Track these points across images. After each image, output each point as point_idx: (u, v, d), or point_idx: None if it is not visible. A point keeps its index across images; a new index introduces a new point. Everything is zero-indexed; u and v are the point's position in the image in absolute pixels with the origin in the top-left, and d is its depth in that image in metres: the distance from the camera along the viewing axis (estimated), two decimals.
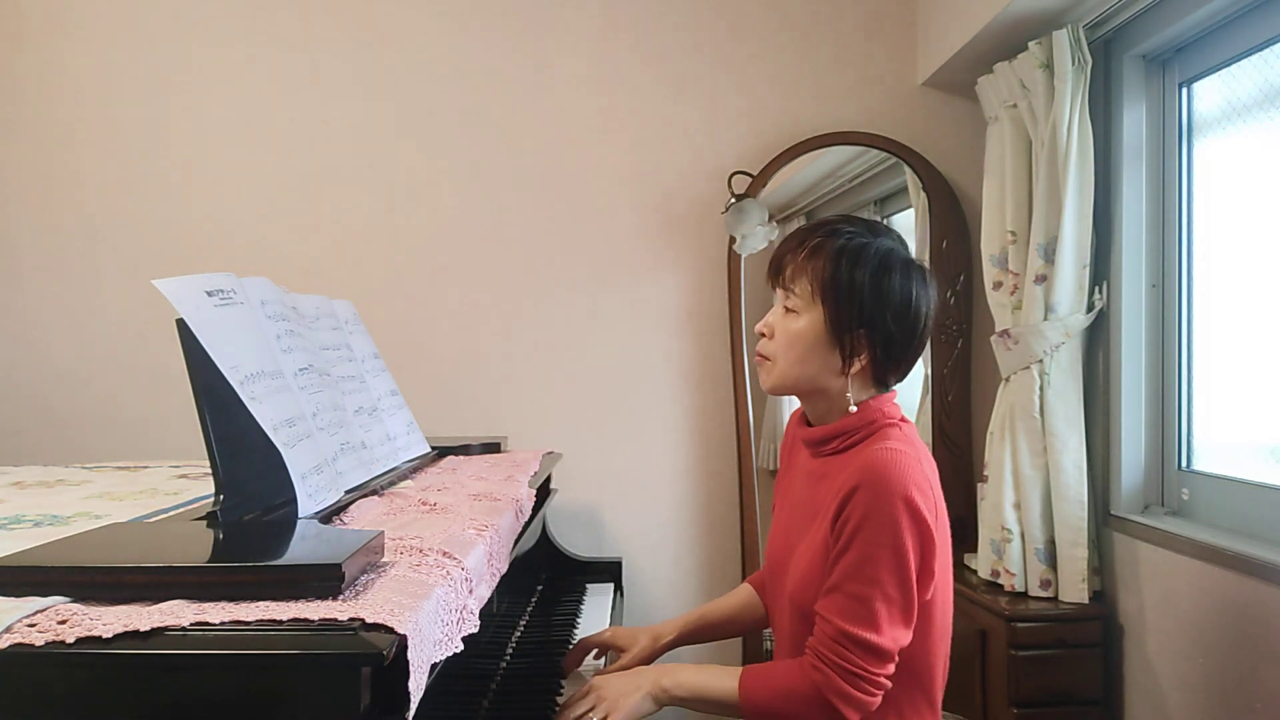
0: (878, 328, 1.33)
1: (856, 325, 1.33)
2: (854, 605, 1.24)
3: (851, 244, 1.34)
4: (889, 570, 1.23)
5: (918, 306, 1.35)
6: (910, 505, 1.24)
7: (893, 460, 1.26)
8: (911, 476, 1.25)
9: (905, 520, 1.23)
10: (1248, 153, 1.91)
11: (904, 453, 1.28)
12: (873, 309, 1.32)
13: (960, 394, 2.57)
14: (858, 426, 1.36)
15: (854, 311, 1.32)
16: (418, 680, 0.84)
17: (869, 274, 1.32)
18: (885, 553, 1.23)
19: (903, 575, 1.24)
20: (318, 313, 1.56)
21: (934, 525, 1.26)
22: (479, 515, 1.32)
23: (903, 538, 1.23)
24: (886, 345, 1.34)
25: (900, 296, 1.33)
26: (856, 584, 1.24)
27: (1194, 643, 1.89)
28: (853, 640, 1.23)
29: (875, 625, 1.23)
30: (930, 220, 2.57)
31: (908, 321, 1.34)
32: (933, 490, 1.29)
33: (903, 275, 1.34)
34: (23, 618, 0.80)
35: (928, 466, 1.31)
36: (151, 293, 1.06)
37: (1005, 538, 2.21)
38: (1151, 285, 2.13)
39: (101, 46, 2.61)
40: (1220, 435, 2.02)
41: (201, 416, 1.09)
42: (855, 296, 1.32)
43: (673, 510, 2.67)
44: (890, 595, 1.23)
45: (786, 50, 2.65)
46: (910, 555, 1.24)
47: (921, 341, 1.37)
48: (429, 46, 2.63)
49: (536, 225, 2.65)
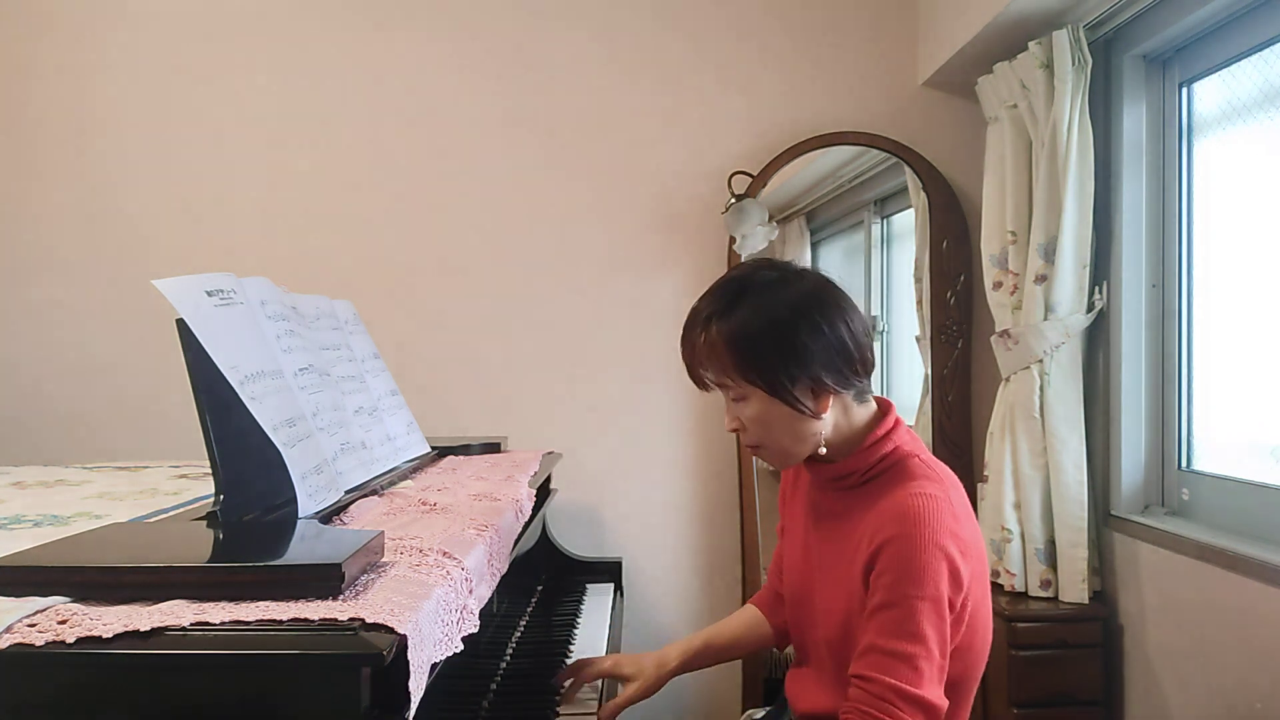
0: (813, 370, 1.27)
1: (794, 383, 1.27)
2: (898, 663, 1.18)
3: (732, 322, 1.28)
4: (931, 625, 1.19)
5: (835, 333, 1.28)
6: (947, 555, 1.20)
7: (926, 508, 1.22)
8: (945, 524, 1.21)
9: (944, 569, 1.19)
10: (1248, 153, 1.91)
11: (935, 497, 1.23)
12: (796, 363, 1.26)
13: (960, 394, 2.57)
14: (874, 460, 1.31)
15: (783, 375, 1.27)
16: (418, 680, 0.84)
17: (769, 341, 1.27)
18: (926, 605, 1.19)
19: (941, 630, 1.20)
20: (318, 313, 1.56)
21: (963, 566, 1.22)
22: (479, 515, 1.32)
23: (941, 589, 1.19)
24: (834, 374, 1.28)
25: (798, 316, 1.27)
26: (899, 641, 1.18)
27: (1194, 643, 1.88)
28: (902, 696, 1.17)
29: (921, 681, 1.17)
30: (930, 220, 2.56)
31: (835, 348, 1.28)
32: (964, 528, 1.25)
33: (785, 296, 1.28)
34: (23, 618, 0.80)
35: (957, 502, 1.27)
36: (152, 293, 1.06)
37: (1005, 538, 2.21)
38: (1151, 285, 2.13)
39: (102, 46, 2.61)
40: (1220, 435, 2.02)
41: (201, 416, 1.09)
42: (772, 365, 1.27)
43: (673, 510, 2.67)
44: (932, 652, 1.19)
45: (786, 50, 2.65)
46: (946, 605, 1.20)
47: (862, 348, 1.31)
48: (429, 46, 2.63)
49: (537, 225, 2.65)
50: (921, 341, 2.62)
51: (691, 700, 2.66)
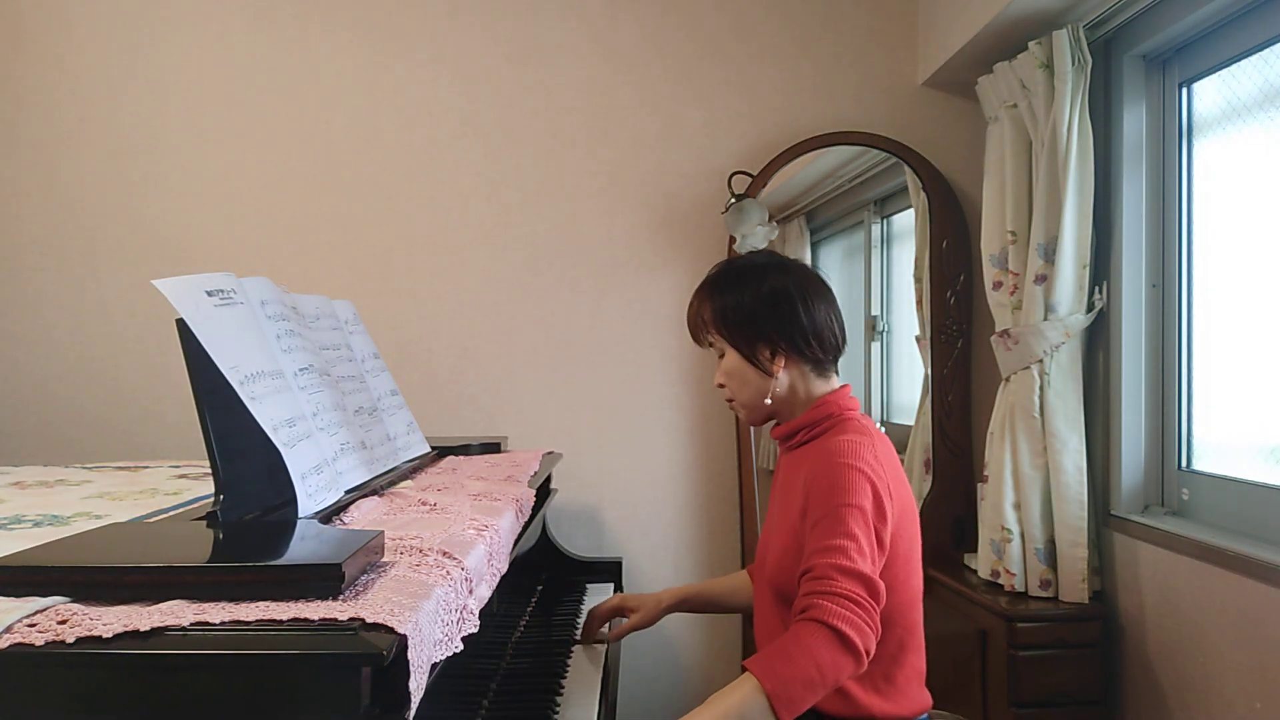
0: (768, 326, 1.52)
1: (755, 336, 1.53)
2: (833, 552, 1.34)
3: (720, 281, 1.57)
4: (859, 527, 1.36)
5: (785, 293, 1.52)
6: (868, 477, 1.39)
7: (849, 446, 1.44)
8: (865, 458, 1.42)
9: (867, 487, 1.38)
10: (1248, 153, 1.91)
11: (858, 442, 1.44)
12: (755, 315, 1.52)
13: (960, 394, 2.57)
14: (818, 419, 1.53)
15: (746, 327, 1.53)
16: (418, 680, 0.84)
17: (739, 292, 1.54)
18: (853, 511, 1.37)
19: (868, 534, 1.36)
20: (318, 313, 1.56)
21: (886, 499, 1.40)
22: (479, 515, 1.32)
23: (864, 501, 1.37)
24: (788, 337, 1.52)
25: (769, 293, 1.52)
26: (833, 538, 1.35)
27: (1194, 643, 1.89)
28: (840, 570, 1.31)
29: (856, 560, 1.33)
30: (930, 220, 2.56)
31: (783, 310, 1.52)
32: (886, 471, 1.44)
33: (764, 277, 1.54)
34: (23, 618, 0.80)
35: (882, 452, 1.47)
36: (152, 293, 1.06)
37: (1005, 538, 2.21)
38: (1151, 285, 2.13)
39: (102, 46, 2.61)
40: (1220, 435, 2.02)
41: (201, 416, 1.09)
42: (739, 314, 1.53)
43: (673, 510, 2.67)
44: (862, 546, 1.35)
45: (787, 50, 2.65)
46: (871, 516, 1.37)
47: (819, 329, 1.53)
48: (429, 46, 2.63)
49: (537, 225, 2.65)
50: (921, 341, 2.62)
51: (692, 700, 2.66)
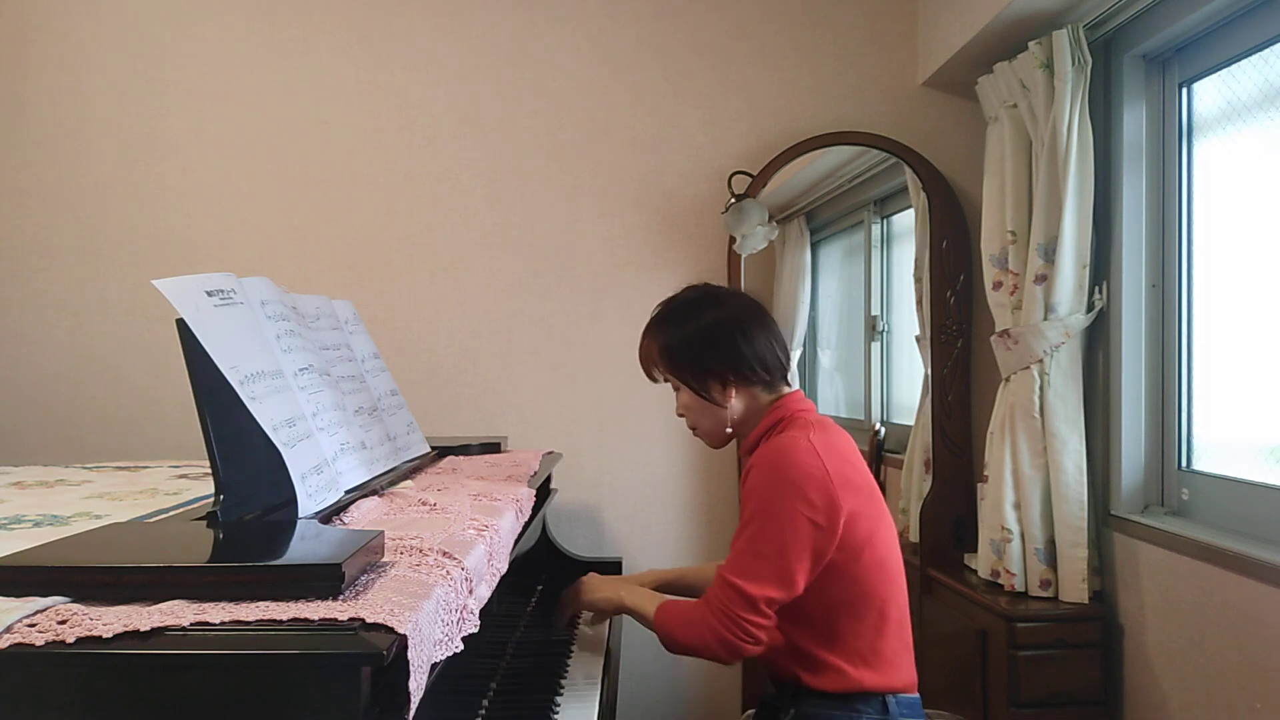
0: (712, 362, 1.60)
1: (703, 372, 1.61)
2: (734, 559, 1.50)
3: (661, 322, 1.65)
4: (768, 537, 1.46)
5: (721, 328, 1.60)
6: (793, 483, 1.46)
7: (780, 446, 1.51)
8: (795, 458, 1.48)
9: (788, 495, 1.46)
10: (1248, 153, 1.91)
11: (795, 437, 1.51)
12: (698, 354, 1.60)
13: (960, 394, 2.57)
14: (770, 425, 1.60)
15: (692, 365, 1.61)
16: (418, 680, 0.84)
17: (680, 331, 1.62)
18: (767, 521, 1.47)
19: (780, 542, 1.46)
20: (318, 313, 1.56)
21: (818, 487, 1.46)
22: (479, 515, 1.32)
23: (784, 508, 1.46)
24: (733, 368, 1.59)
25: (706, 330, 1.60)
26: (741, 542, 1.50)
27: (1194, 643, 1.89)
28: (728, 585, 1.48)
29: (748, 576, 1.47)
30: (930, 220, 2.56)
31: (722, 345, 1.59)
32: (824, 459, 1.49)
33: (700, 315, 1.61)
34: (23, 618, 0.80)
35: (824, 439, 1.52)
36: (152, 293, 1.06)
37: (1005, 538, 2.21)
38: (1151, 285, 2.13)
39: (103, 48, 2.61)
40: (1220, 435, 2.02)
41: (201, 416, 1.09)
42: (684, 354, 1.61)
43: (673, 510, 2.67)
44: (765, 555, 1.46)
45: (786, 50, 2.65)
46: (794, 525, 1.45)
47: (762, 357, 1.60)
48: (429, 46, 2.63)
49: (537, 225, 2.65)
50: (921, 341, 2.62)
51: (692, 700, 2.66)
